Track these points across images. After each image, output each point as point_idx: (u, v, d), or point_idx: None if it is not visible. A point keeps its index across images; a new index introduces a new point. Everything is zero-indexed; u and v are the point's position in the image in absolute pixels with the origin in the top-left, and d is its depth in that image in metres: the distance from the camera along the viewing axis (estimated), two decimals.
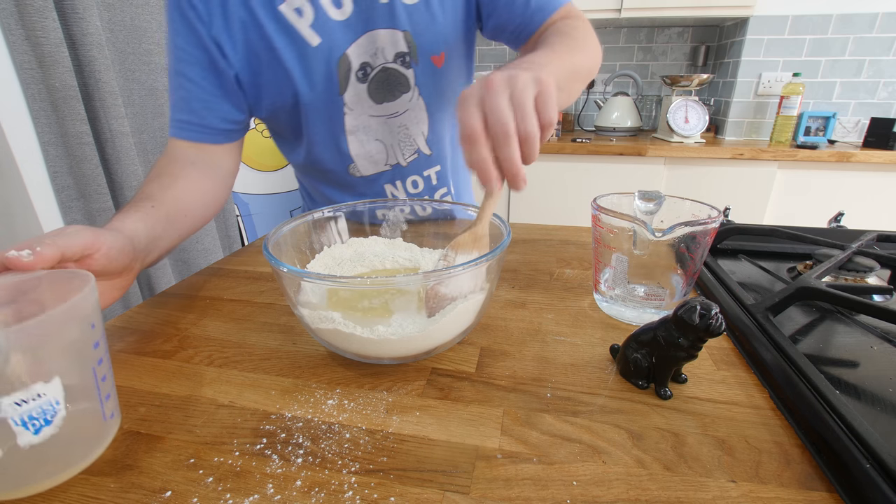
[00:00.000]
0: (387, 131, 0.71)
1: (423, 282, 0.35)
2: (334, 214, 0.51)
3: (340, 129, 0.69)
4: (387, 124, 0.70)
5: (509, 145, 0.36)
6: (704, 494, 0.27)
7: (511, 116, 0.35)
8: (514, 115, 0.36)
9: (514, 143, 0.36)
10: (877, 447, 0.26)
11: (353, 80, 0.65)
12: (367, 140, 0.71)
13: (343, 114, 0.68)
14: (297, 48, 0.61)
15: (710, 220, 0.40)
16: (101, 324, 0.30)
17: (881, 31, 1.84)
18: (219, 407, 0.35)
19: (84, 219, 1.30)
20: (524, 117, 0.36)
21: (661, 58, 2.26)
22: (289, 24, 0.60)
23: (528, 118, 0.36)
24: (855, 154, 1.68)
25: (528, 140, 0.36)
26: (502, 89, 0.36)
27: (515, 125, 0.36)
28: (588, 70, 0.58)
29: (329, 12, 0.61)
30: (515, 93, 0.36)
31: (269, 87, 0.64)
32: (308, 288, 0.38)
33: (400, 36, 0.63)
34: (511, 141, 0.36)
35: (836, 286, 0.45)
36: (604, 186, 1.87)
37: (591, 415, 0.34)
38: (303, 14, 0.60)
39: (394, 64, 0.65)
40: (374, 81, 0.66)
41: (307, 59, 0.62)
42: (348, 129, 0.69)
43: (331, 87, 0.65)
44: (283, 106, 0.66)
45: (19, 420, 0.25)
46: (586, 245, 0.69)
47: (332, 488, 0.28)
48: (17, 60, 1.12)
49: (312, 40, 0.61)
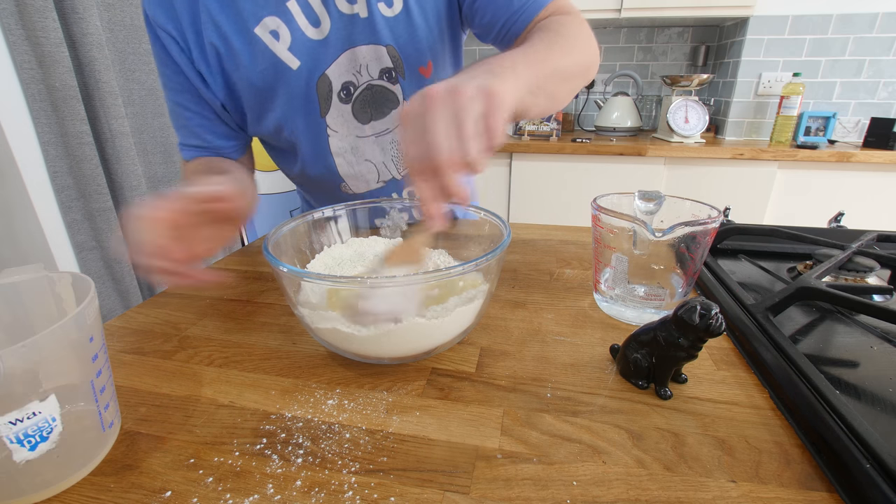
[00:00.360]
0: (377, 150, 0.68)
1: (423, 282, 0.35)
2: (334, 214, 0.51)
3: (326, 150, 0.67)
4: (377, 142, 0.68)
5: (444, 177, 0.32)
6: (704, 494, 0.27)
7: (446, 144, 0.32)
8: (449, 141, 0.32)
9: (446, 176, 0.32)
10: (877, 447, 0.26)
11: (335, 100, 0.62)
12: (356, 161, 0.69)
13: (327, 136, 0.65)
14: (276, 73, 0.59)
15: (710, 220, 0.40)
16: (100, 335, 0.30)
17: (881, 31, 1.84)
18: (219, 407, 0.35)
19: (84, 219, 1.30)
20: (462, 142, 0.32)
21: (661, 58, 2.26)
22: (266, 47, 0.57)
23: (466, 142, 0.32)
24: (855, 154, 1.68)
25: (467, 165, 0.32)
26: (441, 108, 0.32)
27: (450, 152, 0.32)
28: (578, 69, 0.52)
29: (307, 32, 0.58)
30: (456, 110, 0.32)
31: (252, 113, 0.63)
32: (308, 288, 0.38)
33: (383, 51, 0.60)
34: (444, 172, 0.32)
35: (836, 286, 0.45)
36: (604, 186, 1.87)
37: (591, 415, 0.34)
38: (279, 37, 0.57)
39: (380, 81, 0.62)
40: (358, 101, 0.63)
41: (288, 84, 0.60)
42: (334, 152, 0.67)
43: (312, 109, 0.63)
44: (268, 130, 0.65)
45: (14, 438, 0.25)
46: (586, 245, 0.69)
47: (332, 488, 0.28)
48: (17, 60, 1.12)
49: (292, 63, 0.59)
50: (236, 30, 0.56)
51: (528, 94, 0.41)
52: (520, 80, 0.39)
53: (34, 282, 0.32)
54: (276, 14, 0.56)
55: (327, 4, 0.57)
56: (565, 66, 0.48)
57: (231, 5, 0.56)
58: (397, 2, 0.58)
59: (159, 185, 1.50)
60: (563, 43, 0.49)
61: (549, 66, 0.46)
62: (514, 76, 0.39)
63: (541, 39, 0.49)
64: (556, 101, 0.50)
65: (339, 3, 0.57)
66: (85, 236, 1.31)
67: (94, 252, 1.34)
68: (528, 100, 0.41)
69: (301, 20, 0.57)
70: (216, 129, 0.64)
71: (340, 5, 0.57)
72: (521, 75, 0.40)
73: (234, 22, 0.56)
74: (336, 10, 0.57)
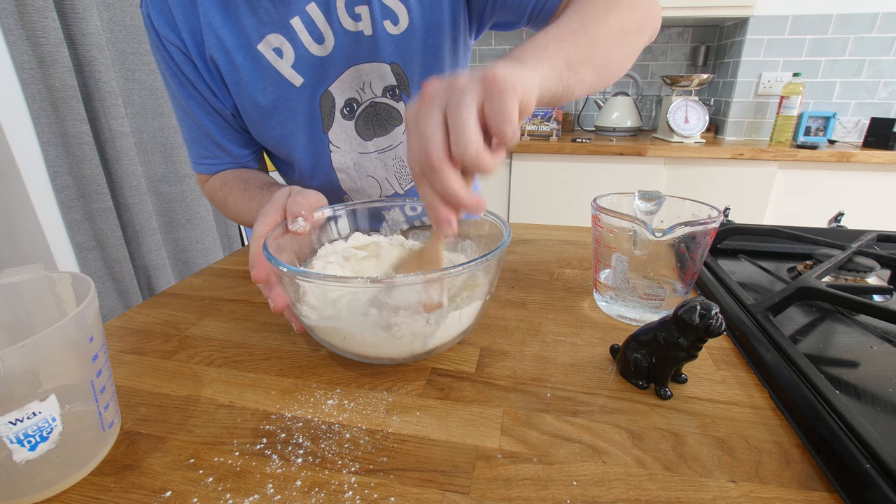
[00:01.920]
0: (380, 165, 0.68)
1: (423, 282, 0.35)
2: (334, 214, 0.51)
3: (329, 166, 0.67)
4: (380, 158, 0.67)
5: (439, 178, 0.29)
6: (704, 494, 0.27)
7: (437, 142, 0.28)
8: (442, 136, 0.29)
9: (443, 174, 0.29)
10: (877, 447, 0.26)
11: (337, 117, 0.62)
12: (358, 177, 0.69)
13: (329, 151, 0.65)
14: (278, 89, 0.58)
15: (710, 220, 0.40)
16: (100, 335, 0.30)
17: (881, 31, 1.84)
18: (219, 407, 0.35)
19: (84, 219, 1.30)
20: (458, 137, 0.28)
21: (661, 58, 2.26)
22: (269, 64, 0.57)
23: (463, 137, 0.28)
24: (855, 154, 1.68)
25: (467, 163, 0.29)
26: (432, 106, 0.29)
27: (447, 150, 0.29)
28: (631, 24, 0.46)
29: (310, 49, 0.57)
30: (449, 106, 0.29)
31: (253, 128, 0.63)
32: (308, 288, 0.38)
33: (387, 69, 0.60)
34: (438, 173, 0.29)
35: (836, 286, 0.45)
36: (604, 186, 1.87)
37: (591, 415, 0.34)
38: (283, 55, 0.56)
39: (383, 98, 0.62)
40: (361, 118, 0.63)
41: (291, 101, 0.60)
42: (337, 167, 0.67)
43: (315, 124, 0.62)
44: (268, 144, 0.65)
45: (14, 438, 0.25)
46: (586, 245, 0.69)
47: (332, 488, 0.28)
48: (17, 60, 1.12)
49: (296, 81, 0.58)
50: (238, 45, 0.56)
51: (565, 71, 0.36)
52: (550, 60, 0.35)
53: (34, 282, 0.32)
54: (279, 31, 0.55)
55: (332, 21, 0.56)
56: (610, 28, 0.43)
57: (234, 20, 0.55)
58: (403, 19, 0.57)
59: (159, 185, 1.50)
60: (604, 6, 0.44)
61: (588, 35, 0.41)
62: (539, 58, 0.35)
63: (575, 10, 0.44)
64: (610, 68, 0.45)
65: (344, 21, 0.56)
66: (85, 236, 1.31)
67: (94, 252, 1.34)
68: (566, 77, 0.37)
69: (305, 37, 0.56)
70: (232, 136, 0.64)
71: (345, 22, 0.56)
72: (551, 54, 0.36)
73: (237, 37, 0.56)
74: (340, 27, 0.56)
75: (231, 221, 1.77)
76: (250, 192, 0.60)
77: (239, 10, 0.55)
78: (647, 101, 2.33)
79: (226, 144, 0.65)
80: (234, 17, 0.55)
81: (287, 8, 0.54)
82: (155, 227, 1.45)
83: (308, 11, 0.55)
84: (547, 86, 0.34)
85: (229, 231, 1.78)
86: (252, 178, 0.63)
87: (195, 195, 1.57)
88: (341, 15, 0.56)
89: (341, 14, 0.56)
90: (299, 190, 0.45)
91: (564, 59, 0.37)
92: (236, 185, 0.63)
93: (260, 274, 0.39)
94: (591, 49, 0.41)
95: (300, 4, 0.55)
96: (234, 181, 0.64)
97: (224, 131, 0.64)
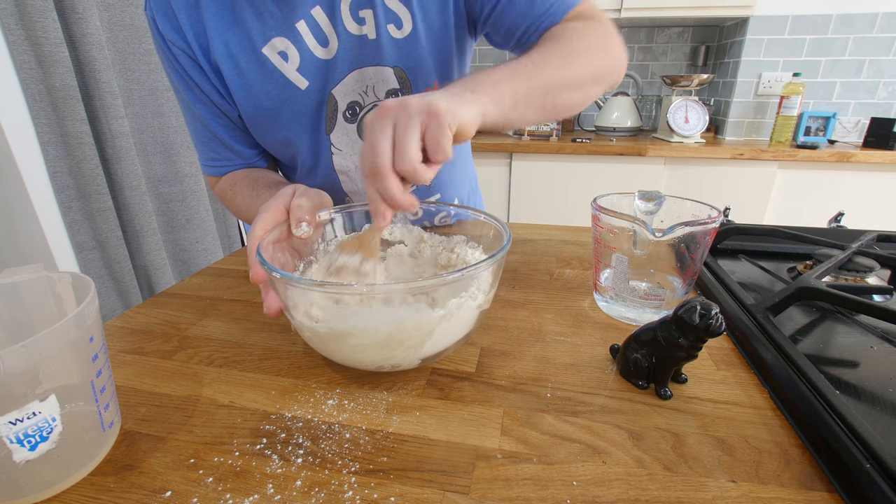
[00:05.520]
0: None
1: (419, 288, 0.35)
2: (331, 216, 0.51)
3: (330, 168, 0.67)
4: None
5: (382, 183, 0.35)
6: (704, 494, 0.27)
7: (385, 152, 0.34)
8: (389, 149, 0.34)
9: (386, 180, 0.34)
10: (877, 447, 0.26)
11: (340, 119, 0.62)
12: (359, 179, 0.68)
13: (331, 153, 0.65)
14: (283, 93, 0.59)
15: (710, 220, 0.40)
16: (100, 335, 0.30)
17: (881, 31, 1.84)
18: (219, 407, 0.35)
19: (84, 219, 1.30)
20: (401, 154, 0.34)
21: (661, 58, 2.26)
22: (274, 68, 0.57)
23: (405, 155, 0.34)
24: (855, 154, 1.68)
25: (405, 175, 0.35)
26: (387, 119, 0.35)
27: (391, 161, 0.34)
28: (586, 76, 0.50)
29: (315, 52, 0.57)
30: (398, 122, 0.35)
31: (258, 131, 0.63)
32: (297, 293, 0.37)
33: (390, 72, 0.60)
34: (382, 179, 0.34)
35: (836, 286, 0.45)
36: (604, 186, 1.87)
37: (591, 415, 0.34)
38: (288, 58, 0.57)
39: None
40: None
41: (295, 104, 0.60)
42: (338, 169, 0.67)
43: (318, 126, 0.63)
44: (271, 146, 0.66)
45: (14, 438, 0.25)
46: (586, 245, 0.69)
47: (332, 488, 0.28)
48: (17, 60, 1.12)
49: (301, 84, 0.58)
50: (243, 48, 0.56)
51: (510, 111, 0.42)
52: (498, 97, 0.40)
53: (34, 282, 0.32)
54: (284, 35, 0.56)
55: (336, 25, 0.56)
56: (565, 78, 0.48)
57: (238, 24, 0.55)
58: (406, 23, 0.57)
59: (159, 185, 1.50)
60: (567, 52, 0.49)
61: (541, 78, 0.46)
62: (488, 92, 0.40)
63: (540, 52, 0.49)
64: (557, 111, 0.49)
65: (348, 24, 0.56)
66: (85, 236, 1.31)
67: (94, 252, 1.34)
68: (510, 115, 0.42)
69: (310, 40, 0.57)
70: (239, 137, 0.65)
71: (349, 26, 0.56)
72: (502, 93, 0.41)
73: (242, 41, 0.56)
74: (345, 30, 0.56)
75: (231, 221, 1.76)
76: (258, 191, 0.61)
77: (243, 13, 0.55)
78: (647, 101, 2.33)
79: (234, 145, 0.65)
80: (238, 20, 0.55)
81: (293, 11, 0.55)
82: (155, 227, 1.45)
83: (313, 15, 0.55)
84: (489, 119, 0.40)
85: (229, 231, 1.78)
86: (261, 177, 0.64)
87: (195, 195, 1.57)
88: (346, 19, 0.56)
89: (346, 18, 0.56)
90: (304, 190, 0.45)
91: (512, 100, 0.42)
92: (245, 184, 0.63)
93: (258, 274, 0.39)
94: (542, 95, 0.46)
95: (305, 8, 0.55)
96: (243, 181, 0.64)
97: (232, 132, 0.64)
